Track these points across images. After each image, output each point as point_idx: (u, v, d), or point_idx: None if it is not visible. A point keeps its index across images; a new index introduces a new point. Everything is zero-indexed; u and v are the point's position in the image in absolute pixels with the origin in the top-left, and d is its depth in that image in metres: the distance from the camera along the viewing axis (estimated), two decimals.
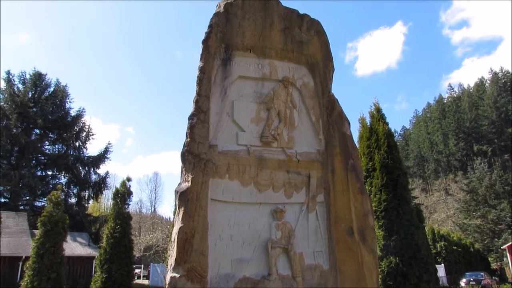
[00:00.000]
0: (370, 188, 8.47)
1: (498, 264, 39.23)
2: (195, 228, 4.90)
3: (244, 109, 5.80)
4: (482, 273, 29.06)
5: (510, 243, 31.91)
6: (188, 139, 5.35)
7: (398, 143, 10.85)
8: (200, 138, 5.38)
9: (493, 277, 31.74)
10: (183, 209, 4.95)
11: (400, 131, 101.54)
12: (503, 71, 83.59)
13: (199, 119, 5.46)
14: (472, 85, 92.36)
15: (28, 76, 41.43)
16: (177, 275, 4.72)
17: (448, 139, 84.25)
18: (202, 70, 5.70)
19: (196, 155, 5.27)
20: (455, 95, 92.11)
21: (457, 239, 34.90)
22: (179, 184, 5.30)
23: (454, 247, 32.55)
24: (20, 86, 40.72)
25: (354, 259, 5.41)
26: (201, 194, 5.07)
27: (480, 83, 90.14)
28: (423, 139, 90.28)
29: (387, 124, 9.10)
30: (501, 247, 35.09)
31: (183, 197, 5.00)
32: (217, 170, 5.34)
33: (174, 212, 5.76)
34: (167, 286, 4.81)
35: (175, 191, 5.24)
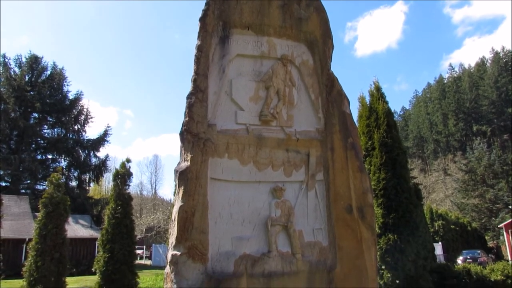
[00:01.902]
0: (369, 167, 8.50)
1: (495, 242, 39.82)
2: (195, 206, 4.93)
3: (242, 87, 5.76)
4: (479, 251, 29.53)
5: (507, 222, 32.27)
6: (187, 119, 5.33)
7: (398, 124, 10.84)
8: (199, 118, 5.35)
9: (490, 255, 32.25)
10: (182, 188, 4.97)
11: (400, 111, 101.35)
12: (505, 50, 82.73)
13: (197, 98, 5.42)
14: (473, 65, 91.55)
15: (24, 60, 40.96)
16: (178, 253, 4.78)
17: (447, 119, 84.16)
18: (199, 48, 5.63)
19: (195, 134, 5.26)
20: (455, 75, 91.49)
21: (454, 218, 35.33)
22: (179, 163, 5.31)
23: (452, 226, 32.98)
24: (17, 69, 40.36)
25: (353, 236, 5.47)
26: (200, 173, 5.08)
27: (481, 63, 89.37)
28: (423, 119, 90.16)
29: (386, 103, 9.05)
30: (498, 226, 35.52)
31: (183, 176, 5.01)
32: (216, 149, 5.33)
33: (174, 193, 5.79)
34: (168, 264, 4.88)
35: (174, 170, 5.25)
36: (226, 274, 4.89)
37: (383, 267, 7.98)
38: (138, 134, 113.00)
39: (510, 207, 36.05)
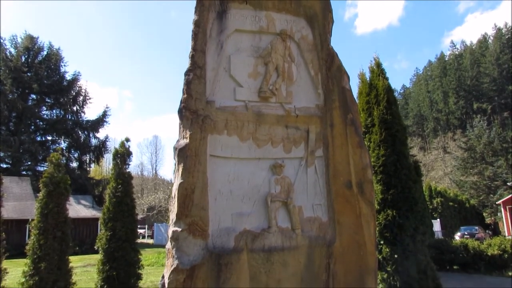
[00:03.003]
0: (368, 144, 8.47)
1: (492, 218, 40.36)
2: (195, 183, 4.95)
3: (241, 63, 5.67)
4: (476, 227, 29.94)
5: (505, 198, 32.59)
6: (185, 96, 5.28)
7: (398, 102, 10.71)
8: (197, 94, 5.30)
9: (487, 231, 32.76)
10: (182, 165, 4.97)
11: (400, 90, 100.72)
12: (507, 26, 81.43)
13: (195, 75, 5.36)
14: (474, 41, 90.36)
15: (19, 40, 40.32)
16: (179, 229, 4.82)
17: (448, 97, 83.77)
18: (196, 23, 5.52)
19: (194, 111, 5.22)
20: (457, 53, 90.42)
21: (453, 196, 35.64)
22: (177, 141, 5.29)
23: (450, 203, 33.30)
24: (12, 50, 39.82)
25: (352, 211, 5.51)
26: (199, 150, 5.07)
27: (483, 40, 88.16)
28: (423, 97, 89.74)
29: (387, 79, 8.95)
30: (496, 203, 35.89)
31: (182, 154, 5.00)
32: (215, 126, 5.30)
33: (174, 171, 5.78)
34: (169, 240, 4.93)
35: (173, 148, 5.24)
36: (227, 249, 4.95)
37: (382, 242, 8.08)
38: (137, 115, 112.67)
39: (508, 184, 36.33)
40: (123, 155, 9.62)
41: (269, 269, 5.03)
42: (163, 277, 4.90)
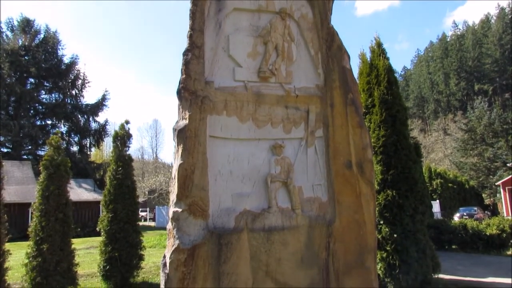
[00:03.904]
0: (369, 124, 8.42)
1: (491, 199, 40.62)
2: (195, 164, 4.94)
3: (240, 43, 5.59)
4: (475, 208, 30.15)
5: (504, 179, 32.73)
6: (184, 76, 5.22)
7: (398, 84, 10.57)
8: (196, 75, 5.24)
9: (486, 212, 32.97)
10: (182, 146, 4.96)
11: (401, 71, 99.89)
12: (510, 6, 79.97)
13: (193, 55, 5.29)
14: (477, 22, 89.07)
15: (16, 23, 39.76)
16: (179, 210, 4.84)
17: (449, 78, 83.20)
18: (194, 2, 5.41)
19: (193, 92, 5.17)
20: (458, 33, 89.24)
21: (453, 177, 35.76)
22: (177, 122, 5.27)
23: (450, 185, 33.44)
24: (9, 33, 39.32)
25: (352, 191, 5.52)
26: (199, 131, 5.05)
27: (486, 20, 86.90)
28: (424, 79, 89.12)
29: (387, 59, 8.82)
30: (495, 184, 36.06)
31: (181, 135, 4.98)
32: (215, 107, 5.27)
33: (174, 152, 5.77)
34: (170, 220, 4.96)
35: (173, 129, 5.22)
36: (227, 229, 4.98)
37: (381, 222, 8.13)
38: (137, 99, 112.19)
39: (508, 165, 36.43)
40: (123, 137, 9.61)
41: (269, 248, 5.08)
42: (164, 256, 4.95)
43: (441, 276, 9.19)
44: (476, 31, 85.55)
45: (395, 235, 7.89)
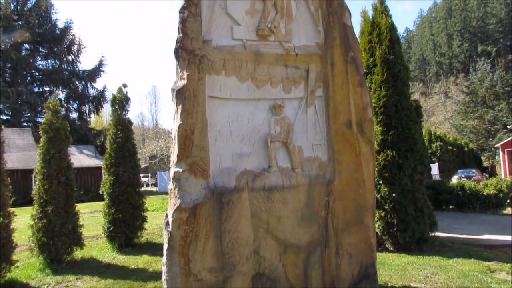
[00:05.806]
0: (370, 84, 8.31)
1: (490, 162, 40.95)
2: (194, 124, 4.92)
3: (237, 0, 5.40)
4: (474, 170, 30.46)
5: (504, 142, 32.82)
6: (181, 35, 5.08)
7: (401, 43, 10.29)
8: (193, 33, 5.10)
9: (484, 174, 33.35)
10: (181, 106, 4.91)
11: (403, 33, 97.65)
12: None
13: (190, 13, 5.12)
14: None
15: None
16: (180, 170, 4.87)
17: (452, 40, 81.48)
18: None
19: (190, 51, 5.06)
20: None
21: (452, 140, 35.88)
22: (175, 82, 5.18)
23: (449, 147, 33.61)
24: None
25: (352, 150, 5.54)
26: (198, 91, 4.98)
27: None
28: (427, 40, 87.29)
29: (390, 17, 8.58)
30: (495, 146, 36.22)
31: (180, 95, 4.92)
32: (213, 66, 5.17)
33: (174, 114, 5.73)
34: (171, 180, 5.00)
35: (171, 89, 5.15)
36: (228, 189, 5.04)
37: (381, 181, 8.21)
38: (135, 65, 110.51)
39: (508, 127, 36.40)
40: (121, 101, 9.54)
41: (270, 207, 5.16)
42: (167, 216, 5.03)
43: (437, 234, 9.43)
44: None
45: (393, 195, 8.00)
